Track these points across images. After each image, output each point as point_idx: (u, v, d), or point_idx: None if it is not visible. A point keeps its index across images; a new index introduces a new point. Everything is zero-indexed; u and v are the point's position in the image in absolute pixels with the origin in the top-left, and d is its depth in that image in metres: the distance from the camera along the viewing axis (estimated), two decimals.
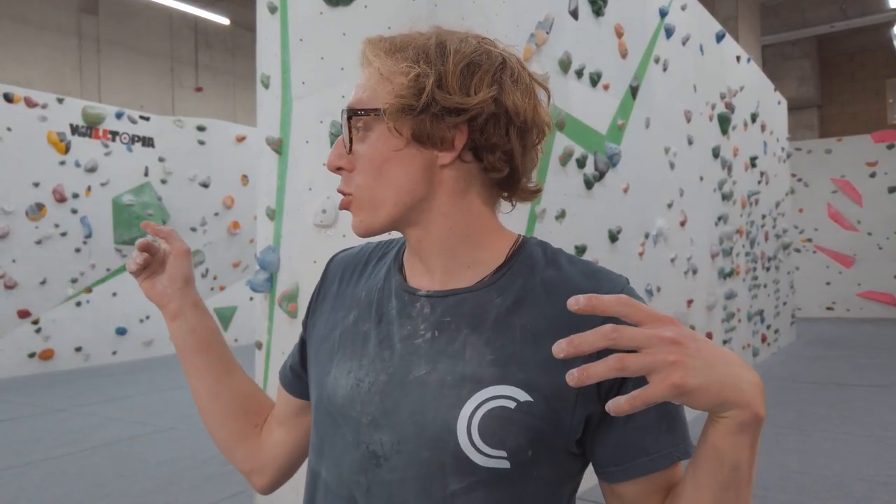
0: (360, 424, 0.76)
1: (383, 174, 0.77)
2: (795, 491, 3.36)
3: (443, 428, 0.71)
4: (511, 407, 0.71)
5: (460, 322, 0.76)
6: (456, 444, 0.71)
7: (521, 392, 0.71)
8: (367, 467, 0.75)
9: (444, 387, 0.73)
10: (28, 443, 4.54)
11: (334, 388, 0.80)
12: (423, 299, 0.79)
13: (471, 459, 0.71)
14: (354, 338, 0.82)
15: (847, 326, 10.42)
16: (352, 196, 0.79)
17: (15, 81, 9.98)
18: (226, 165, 9.58)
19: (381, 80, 0.76)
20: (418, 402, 0.73)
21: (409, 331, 0.78)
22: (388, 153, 0.76)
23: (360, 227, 0.80)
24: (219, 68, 14.24)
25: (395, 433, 0.74)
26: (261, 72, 3.05)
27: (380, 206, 0.77)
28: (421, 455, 0.72)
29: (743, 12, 11.24)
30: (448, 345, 0.75)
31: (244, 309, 9.70)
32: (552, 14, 3.23)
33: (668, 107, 4.69)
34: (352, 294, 0.87)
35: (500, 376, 0.72)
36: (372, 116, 0.76)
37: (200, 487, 3.60)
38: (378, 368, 0.77)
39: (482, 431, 0.71)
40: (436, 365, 0.74)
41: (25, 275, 7.51)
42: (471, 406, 0.71)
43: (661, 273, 4.42)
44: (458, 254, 0.79)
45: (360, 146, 0.78)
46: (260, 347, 3.09)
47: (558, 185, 3.29)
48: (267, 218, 3.02)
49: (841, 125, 14.51)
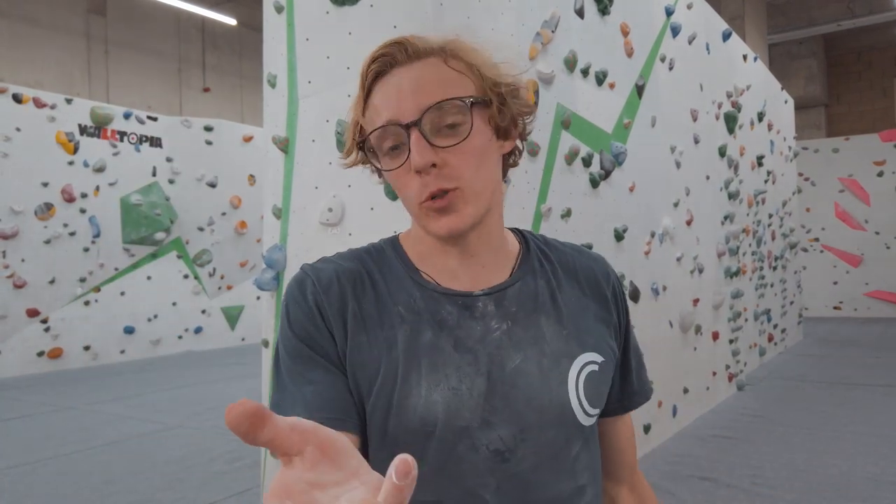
0: (472, 430, 0.75)
1: (482, 165, 0.78)
2: (802, 490, 3.36)
3: (560, 404, 0.79)
4: (597, 369, 0.83)
5: (526, 309, 0.82)
6: (572, 414, 0.79)
7: (597, 355, 0.84)
8: (493, 467, 0.75)
9: (543, 369, 0.79)
10: (38, 440, 4.58)
11: (427, 406, 0.75)
12: (482, 299, 0.81)
13: (581, 423, 0.81)
14: (421, 352, 0.77)
15: (854, 326, 10.37)
16: (458, 191, 0.76)
17: (25, 83, 10.05)
18: (233, 165, 9.62)
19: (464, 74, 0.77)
20: (528, 390, 0.78)
21: (480, 331, 0.79)
22: (487, 144, 0.79)
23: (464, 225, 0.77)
24: (226, 69, 14.29)
25: (513, 425, 0.76)
26: (267, 71, 3.07)
27: (482, 199, 0.79)
28: (548, 436, 0.78)
29: (749, 11, 11.21)
30: (525, 332, 0.81)
31: (251, 308, 9.74)
32: (558, 13, 3.24)
33: (675, 106, 4.69)
34: (385, 311, 0.79)
35: (579, 346, 0.83)
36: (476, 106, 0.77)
37: (209, 484, 3.62)
38: (469, 373, 0.76)
39: (587, 396, 0.81)
40: (525, 352, 0.79)
41: (34, 274, 7.56)
42: (573, 378, 0.80)
43: (667, 272, 4.41)
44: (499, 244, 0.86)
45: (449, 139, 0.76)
46: (267, 345, 3.10)
47: (564, 184, 3.29)
48: (273, 217, 3.04)
49: (848, 124, 14.44)
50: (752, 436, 4.32)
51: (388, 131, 0.76)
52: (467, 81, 0.76)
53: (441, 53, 0.77)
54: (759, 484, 3.44)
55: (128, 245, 8.51)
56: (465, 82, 0.76)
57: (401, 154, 0.77)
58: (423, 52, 0.77)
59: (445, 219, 0.76)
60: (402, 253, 0.85)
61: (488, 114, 0.77)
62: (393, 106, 0.76)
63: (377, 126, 0.77)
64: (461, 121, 0.75)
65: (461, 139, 0.75)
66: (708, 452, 3.92)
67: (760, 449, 4.03)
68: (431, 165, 0.74)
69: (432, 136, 0.75)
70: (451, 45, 0.78)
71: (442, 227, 0.77)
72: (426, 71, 0.76)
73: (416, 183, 0.76)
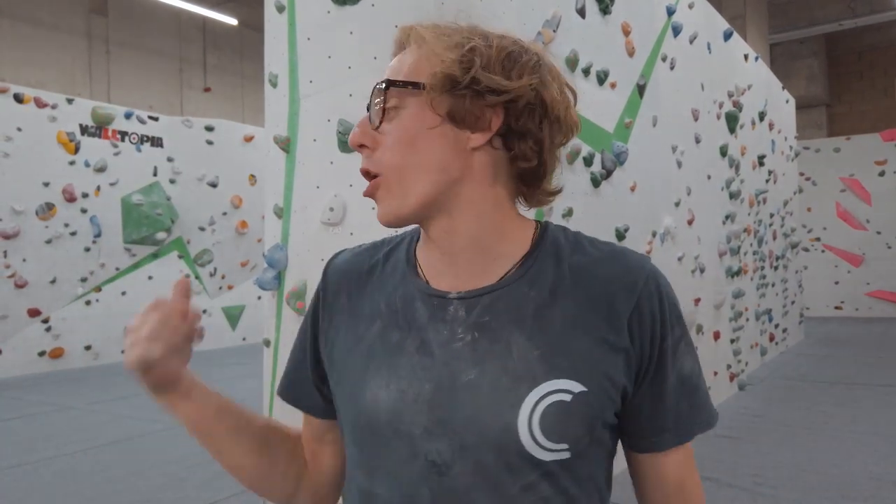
0: (414, 436, 0.73)
1: (414, 152, 0.74)
2: (804, 489, 3.36)
3: (504, 430, 0.70)
4: (568, 400, 0.71)
5: (500, 321, 0.74)
6: (519, 444, 0.70)
7: (574, 383, 0.72)
8: (428, 477, 0.73)
9: (498, 389, 0.72)
10: (39, 440, 4.58)
11: (374, 403, 0.76)
12: (455, 302, 0.76)
13: (534, 456, 0.71)
14: (385, 349, 0.78)
15: (856, 326, 10.37)
16: (380, 178, 0.76)
17: (26, 82, 10.06)
18: (234, 165, 9.62)
19: (424, 58, 0.75)
20: (474, 407, 0.72)
21: (446, 336, 0.75)
22: (422, 130, 0.74)
23: (388, 215, 0.76)
24: (227, 69, 14.30)
25: (453, 440, 0.72)
26: (269, 71, 3.07)
27: (410, 189, 0.75)
28: (486, 458, 0.71)
29: (751, 11, 11.21)
30: (492, 345, 0.74)
31: (252, 308, 9.74)
32: (559, 12, 3.24)
33: (676, 105, 4.69)
34: (368, 304, 0.82)
35: (551, 370, 0.72)
36: (410, 89, 0.75)
37: (211, 484, 3.62)
38: (421, 377, 0.74)
39: (544, 428, 0.70)
40: (484, 367, 0.73)
41: (36, 274, 7.56)
42: (529, 404, 0.71)
43: (668, 271, 4.41)
44: (485, 245, 0.78)
45: (389, 123, 0.76)
46: (268, 345, 3.10)
47: (565, 184, 3.29)
48: (275, 216, 3.04)
49: (849, 124, 14.43)
50: (753, 435, 4.32)
51: None
52: (421, 66, 0.75)
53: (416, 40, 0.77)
54: (761, 483, 3.44)
55: (129, 245, 8.51)
56: (418, 67, 0.75)
57: None
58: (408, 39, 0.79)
59: (378, 207, 0.77)
60: (412, 247, 0.85)
61: (427, 99, 0.73)
62: None
63: None
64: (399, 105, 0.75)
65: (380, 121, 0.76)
66: (709, 452, 3.91)
67: (762, 448, 4.03)
68: (361, 145, 0.77)
69: (372, 118, 0.77)
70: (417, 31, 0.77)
71: (377, 213, 0.78)
72: (399, 57, 0.78)
73: None
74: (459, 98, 0.73)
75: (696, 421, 0.81)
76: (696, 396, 0.81)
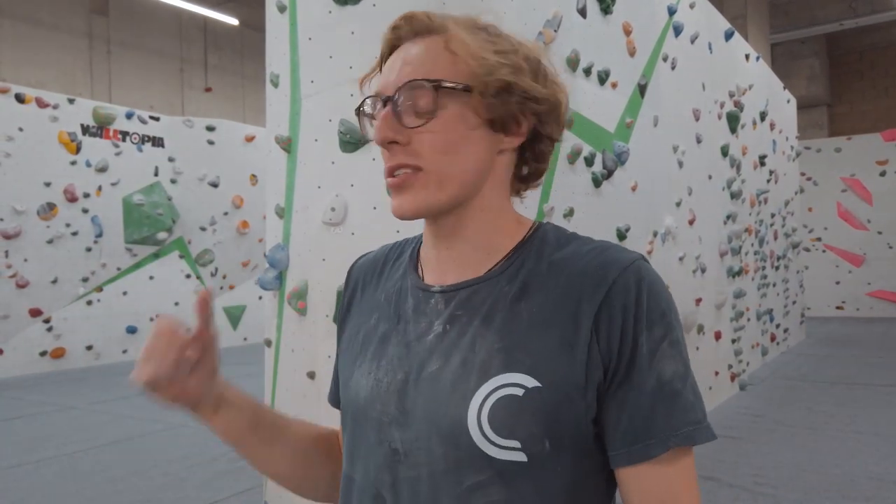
0: (382, 423, 0.76)
1: (455, 153, 0.74)
2: (805, 489, 3.35)
3: (454, 423, 0.70)
4: (519, 395, 0.69)
5: (471, 314, 0.75)
6: (468, 438, 0.69)
7: (528, 378, 0.69)
8: (390, 465, 0.75)
9: (455, 381, 0.72)
10: (40, 440, 4.58)
11: (356, 390, 0.80)
12: (436, 295, 0.78)
13: (485, 453, 0.69)
14: (374, 340, 0.81)
15: (857, 326, 10.36)
16: (419, 172, 0.74)
17: (27, 82, 10.07)
18: (235, 165, 9.63)
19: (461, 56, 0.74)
20: (431, 399, 0.73)
21: (423, 328, 0.77)
22: (464, 132, 0.74)
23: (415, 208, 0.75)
24: (228, 69, 14.31)
25: (412, 431, 0.74)
26: (270, 70, 3.07)
27: (446, 188, 0.74)
28: (436, 451, 0.72)
29: (752, 11, 11.20)
30: (459, 338, 0.74)
31: (253, 308, 9.75)
32: (560, 12, 3.24)
33: (677, 105, 4.68)
34: (372, 298, 0.87)
35: (506, 364, 0.70)
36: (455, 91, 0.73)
37: (211, 484, 3.62)
38: (395, 367, 0.77)
39: (493, 422, 0.69)
40: (448, 359, 0.74)
41: (37, 274, 7.57)
42: (479, 397, 0.70)
43: (669, 271, 4.41)
44: (483, 243, 0.79)
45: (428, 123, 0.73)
46: (269, 345, 3.11)
47: (566, 184, 3.29)
48: (276, 216, 3.04)
49: (850, 123, 14.42)
50: (754, 435, 4.32)
51: (372, 102, 0.78)
52: (461, 65, 0.73)
53: (444, 32, 0.75)
54: (762, 483, 3.44)
55: (130, 245, 8.52)
56: (458, 66, 0.73)
57: None
58: (427, 28, 0.76)
59: (399, 198, 0.75)
60: (417, 247, 0.87)
61: (472, 102, 0.73)
62: (383, 78, 0.77)
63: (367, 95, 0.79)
64: (436, 104, 0.73)
65: (425, 122, 0.73)
66: (710, 452, 3.91)
67: (763, 448, 4.03)
68: (392, 142, 0.74)
69: (405, 115, 0.73)
70: (456, 26, 0.76)
71: (394, 207, 0.76)
72: (423, 48, 0.75)
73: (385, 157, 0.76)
74: (503, 103, 0.74)
75: (673, 432, 0.69)
76: (677, 403, 0.70)
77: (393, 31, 0.78)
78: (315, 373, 2.86)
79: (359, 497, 0.79)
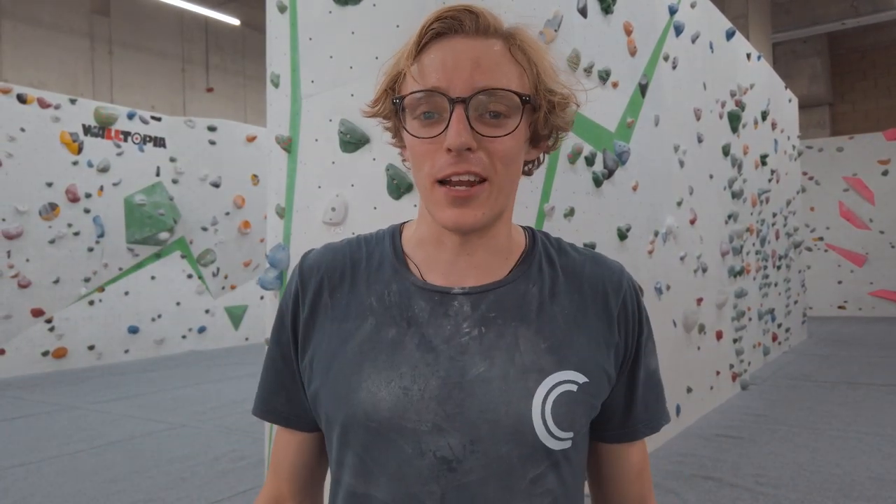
0: (420, 433, 0.73)
1: (512, 165, 0.75)
2: (806, 489, 3.35)
3: (518, 420, 0.73)
4: (574, 390, 0.76)
5: (506, 316, 0.77)
6: (533, 433, 0.73)
7: (578, 375, 0.76)
8: (438, 475, 0.72)
9: (508, 380, 0.74)
10: (42, 440, 4.59)
11: (373, 402, 0.74)
12: (460, 297, 0.77)
13: (546, 446, 0.74)
14: (381, 347, 0.77)
15: (859, 325, 10.35)
16: (486, 183, 0.73)
17: (29, 83, 10.09)
18: (236, 165, 9.64)
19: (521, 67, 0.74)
20: (485, 400, 0.73)
21: (450, 331, 0.76)
22: (521, 145, 0.76)
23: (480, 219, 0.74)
24: (229, 69, 14.32)
25: (465, 434, 0.72)
26: (271, 71, 3.07)
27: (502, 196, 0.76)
28: (500, 451, 0.72)
29: (753, 10, 11.19)
30: (499, 339, 0.75)
31: (255, 307, 9.76)
32: (561, 12, 3.24)
33: (678, 104, 4.68)
34: (356, 302, 0.80)
35: (558, 362, 0.76)
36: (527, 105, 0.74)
37: (212, 484, 3.63)
38: (426, 374, 0.74)
39: (555, 417, 0.74)
40: (493, 360, 0.74)
41: (39, 274, 7.58)
42: (541, 394, 0.74)
43: (670, 271, 4.41)
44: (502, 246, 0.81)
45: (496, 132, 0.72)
46: None
47: (567, 183, 3.29)
48: (277, 216, 3.05)
49: (852, 123, 14.41)
50: (755, 435, 4.31)
51: (430, 98, 0.72)
52: (525, 77, 0.74)
53: (509, 39, 0.74)
54: (763, 483, 3.44)
55: (132, 245, 8.53)
56: (523, 77, 0.74)
57: (434, 125, 0.72)
58: (492, 30, 0.74)
59: (459, 210, 0.72)
60: (398, 242, 0.84)
61: (533, 117, 0.75)
62: (445, 75, 0.71)
63: (420, 88, 0.72)
64: (509, 114, 0.72)
65: (505, 133, 0.72)
66: (712, 452, 3.91)
67: (764, 448, 4.03)
68: (466, 149, 0.71)
69: (474, 120, 0.71)
70: (519, 34, 0.75)
71: (450, 217, 0.73)
72: (489, 51, 0.72)
73: (442, 159, 0.72)
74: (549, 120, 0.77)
75: (661, 414, 0.87)
76: (660, 391, 0.87)
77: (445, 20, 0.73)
78: None
79: None
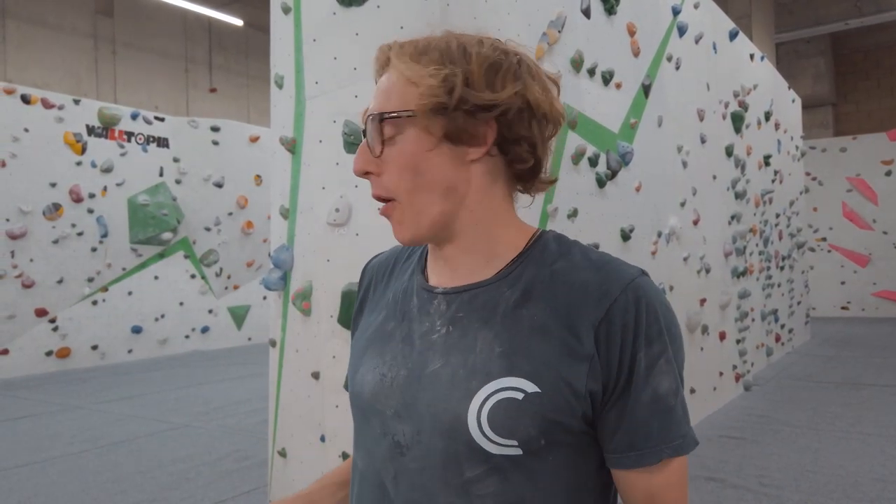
0: (386, 416, 0.81)
1: (419, 175, 0.78)
2: (809, 490, 3.35)
3: (455, 419, 0.75)
4: (519, 398, 0.73)
5: (472, 316, 0.79)
6: (468, 434, 0.74)
7: (528, 383, 0.73)
8: (393, 456, 0.80)
9: (455, 379, 0.76)
10: (45, 439, 4.60)
11: (362, 383, 0.84)
12: (439, 296, 0.82)
13: (483, 448, 0.74)
14: (381, 336, 0.86)
15: (862, 326, 10.33)
16: (394, 202, 0.79)
17: (32, 83, 10.11)
18: (240, 165, 9.65)
19: (408, 83, 0.77)
20: (433, 395, 0.77)
21: (426, 327, 0.82)
22: (421, 153, 0.78)
23: (405, 238, 0.81)
24: (232, 69, 14.33)
25: (414, 424, 0.78)
26: (274, 72, 3.08)
27: (423, 211, 0.79)
28: (437, 445, 0.76)
29: (756, 10, 11.18)
30: (461, 339, 0.78)
31: (258, 308, 9.78)
32: (564, 13, 3.24)
33: (681, 105, 4.68)
34: (382, 296, 0.92)
35: (507, 368, 0.74)
36: (404, 118, 0.77)
37: (216, 484, 3.63)
38: (399, 364, 0.81)
39: (492, 422, 0.73)
40: (449, 359, 0.78)
41: (43, 274, 7.60)
42: (480, 398, 0.74)
43: (673, 272, 4.41)
44: (481, 249, 0.82)
45: (390, 149, 0.79)
46: (274, 345, 3.12)
47: (570, 184, 3.29)
48: (281, 217, 3.05)
49: (856, 123, 14.37)
50: (759, 436, 4.31)
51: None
52: (411, 89, 0.77)
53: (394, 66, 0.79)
54: (767, 484, 3.43)
55: (135, 245, 8.55)
56: (409, 90, 0.77)
57: None
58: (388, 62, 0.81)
59: (393, 227, 0.81)
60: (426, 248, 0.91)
61: (420, 124, 0.76)
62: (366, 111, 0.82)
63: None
64: (401, 131, 0.78)
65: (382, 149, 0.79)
66: (715, 452, 3.91)
67: (767, 449, 4.02)
68: (365, 173, 0.80)
69: (374, 146, 0.79)
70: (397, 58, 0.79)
71: (394, 233, 0.82)
72: (386, 81, 0.80)
73: None
74: (451, 119, 0.76)
75: (666, 444, 0.75)
76: (670, 418, 0.75)
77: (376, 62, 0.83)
78: (319, 373, 2.86)
79: (361, 484, 0.84)
